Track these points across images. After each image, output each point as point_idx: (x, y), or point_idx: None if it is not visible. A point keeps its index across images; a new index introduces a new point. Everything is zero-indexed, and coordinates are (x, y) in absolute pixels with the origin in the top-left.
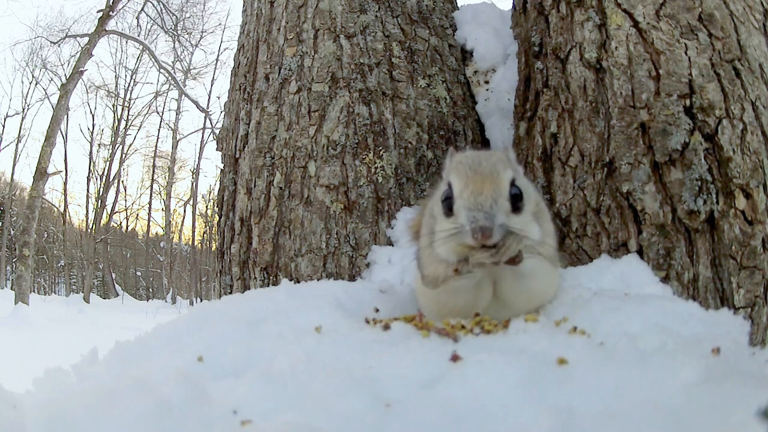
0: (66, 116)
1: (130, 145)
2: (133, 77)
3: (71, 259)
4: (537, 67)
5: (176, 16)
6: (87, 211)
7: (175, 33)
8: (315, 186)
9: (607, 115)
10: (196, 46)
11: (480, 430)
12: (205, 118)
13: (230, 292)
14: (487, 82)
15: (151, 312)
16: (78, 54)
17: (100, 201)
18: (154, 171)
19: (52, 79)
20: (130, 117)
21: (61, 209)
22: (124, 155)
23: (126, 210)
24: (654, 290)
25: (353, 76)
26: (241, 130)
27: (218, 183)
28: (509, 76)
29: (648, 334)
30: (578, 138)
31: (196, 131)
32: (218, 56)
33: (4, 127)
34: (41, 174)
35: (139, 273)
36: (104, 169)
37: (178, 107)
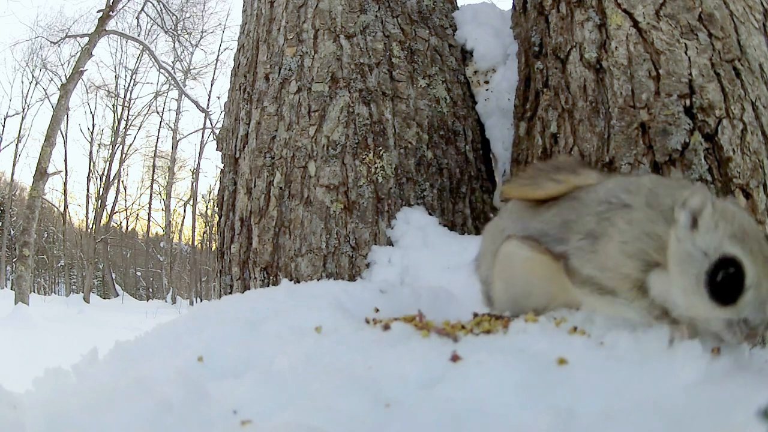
0: (66, 116)
1: (130, 145)
2: (133, 77)
3: (71, 259)
4: (537, 67)
5: (176, 16)
6: (87, 211)
7: (175, 33)
8: (315, 186)
9: (607, 115)
10: (196, 46)
11: (480, 430)
12: (205, 118)
13: (230, 292)
14: (487, 82)
15: (151, 312)
16: (78, 54)
17: (100, 201)
18: (154, 171)
19: (52, 79)
20: (130, 117)
21: (61, 209)
22: (124, 155)
23: (126, 210)
24: None
25: (353, 76)
26: (241, 130)
27: (218, 183)
28: (509, 76)
29: (648, 334)
30: (578, 138)
31: (196, 131)
32: (218, 56)
33: (4, 127)
34: (41, 174)
35: (139, 273)
36: (104, 169)
37: (178, 107)
